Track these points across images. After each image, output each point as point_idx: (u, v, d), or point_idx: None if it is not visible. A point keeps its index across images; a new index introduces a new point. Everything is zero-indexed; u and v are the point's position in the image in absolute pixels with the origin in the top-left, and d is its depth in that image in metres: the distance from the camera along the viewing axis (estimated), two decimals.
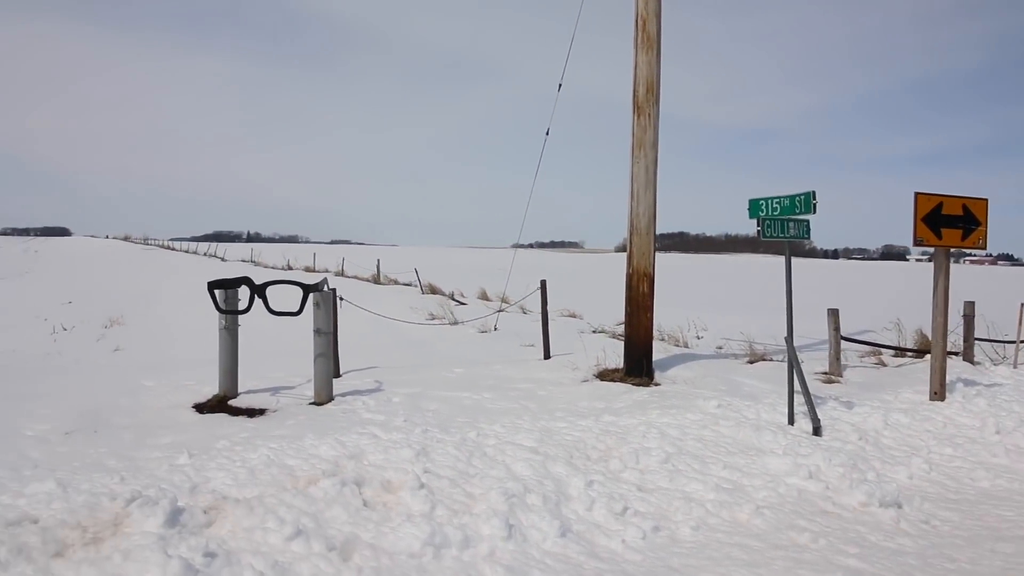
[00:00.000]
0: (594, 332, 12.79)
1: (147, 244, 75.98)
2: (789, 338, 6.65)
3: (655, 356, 8.66)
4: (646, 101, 8.37)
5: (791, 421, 6.43)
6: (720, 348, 10.93)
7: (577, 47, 10.08)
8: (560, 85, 10.61)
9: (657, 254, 8.61)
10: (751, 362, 9.42)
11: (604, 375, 8.50)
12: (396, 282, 25.01)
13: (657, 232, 8.60)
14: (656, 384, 8.09)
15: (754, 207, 6.92)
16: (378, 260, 28.34)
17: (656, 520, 4.40)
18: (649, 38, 8.36)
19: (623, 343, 8.85)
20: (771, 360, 9.50)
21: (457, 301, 18.51)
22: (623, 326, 9.16)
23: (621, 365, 8.62)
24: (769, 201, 6.84)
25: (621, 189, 8.64)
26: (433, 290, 21.10)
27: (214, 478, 4.68)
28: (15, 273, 31.17)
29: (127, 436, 5.94)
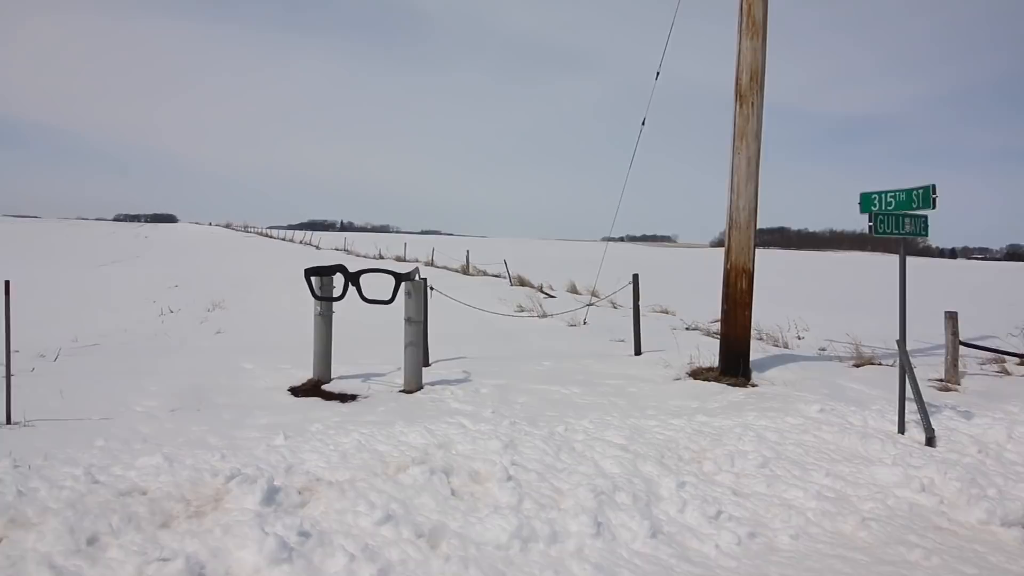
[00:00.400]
0: (687, 329, 12.54)
1: (247, 231, 79.75)
2: (901, 341, 6.31)
3: (752, 356, 8.40)
4: (749, 90, 8.11)
5: (901, 430, 6.10)
6: (823, 350, 10.50)
7: (676, 34, 9.87)
8: (658, 73, 10.42)
9: (756, 250, 8.34)
10: (857, 365, 9.00)
11: (697, 374, 8.32)
12: (485, 273, 25.26)
13: (757, 227, 8.34)
14: (753, 385, 7.86)
15: (866, 201, 6.59)
16: (467, 251, 28.70)
17: (752, 526, 4.27)
18: (754, 23, 8.08)
19: (718, 341, 8.64)
20: (880, 364, 9.05)
21: (546, 294, 18.52)
22: (719, 324, 8.93)
23: (716, 364, 8.42)
24: (883, 195, 6.50)
25: (718, 182, 8.42)
26: (522, 282, 21.19)
27: (308, 460, 4.86)
28: (129, 257, 33.34)
29: (227, 415, 6.25)
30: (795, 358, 9.28)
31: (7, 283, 5.95)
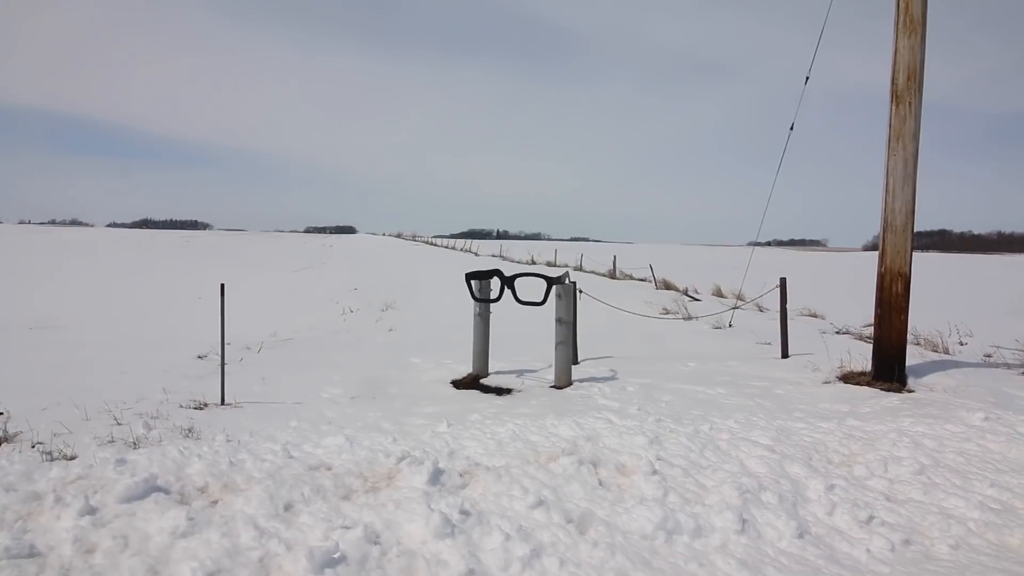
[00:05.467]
0: (837, 333, 11.74)
1: (415, 240, 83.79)
2: None
3: (909, 361, 7.72)
4: (907, 90, 7.48)
5: None
6: (988, 356, 9.46)
7: (827, 35, 9.29)
8: (807, 78, 9.85)
9: (913, 253, 7.67)
10: None
11: (848, 378, 7.77)
12: (631, 277, 24.97)
13: (914, 229, 7.67)
14: (909, 391, 7.23)
15: None
16: (614, 256, 28.46)
17: (907, 533, 3.94)
18: (912, 20, 7.45)
19: (870, 346, 8.02)
20: None
21: (691, 297, 18.01)
22: (871, 328, 8.29)
23: (868, 368, 7.82)
24: None
25: (870, 184, 7.83)
26: (667, 286, 20.75)
27: (468, 446, 5.03)
28: (316, 263, 36.00)
29: (398, 404, 6.60)
30: (956, 364, 8.43)
31: (222, 285, 6.63)
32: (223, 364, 6.53)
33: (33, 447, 4.80)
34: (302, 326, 12.13)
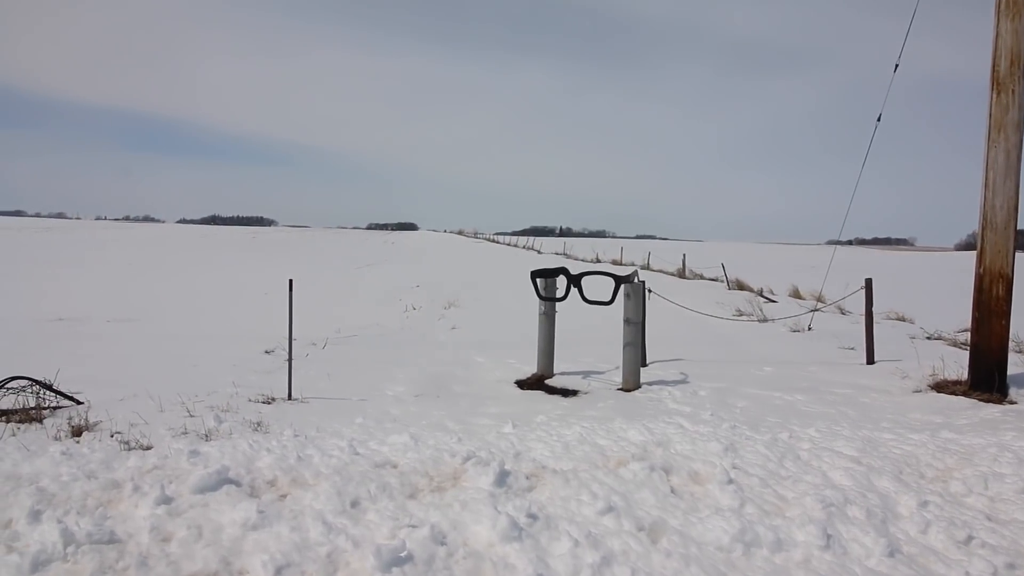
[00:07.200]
0: (928, 338, 11.22)
1: (476, 237, 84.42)
2: None
3: (1010, 370, 7.32)
4: (1009, 76, 7.08)
5: None
6: None
7: (917, 21, 8.88)
8: (896, 65, 9.45)
9: (1016, 253, 7.27)
10: None
11: (941, 387, 7.42)
12: (702, 277, 24.50)
13: (1017, 227, 7.26)
14: (1011, 402, 6.85)
15: None
16: (683, 255, 27.98)
17: (1011, 556, 3.72)
18: (1016, 1, 7.05)
19: (966, 353, 7.64)
20: None
21: (766, 298, 17.55)
22: (968, 333, 7.89)
23: (964, 377, 7.45)
24: None
25: (964, 179, 7.44)
26: (740, 286, 20.27)
27: (534, 448, 5.02)
28: (379, 260, 36.65)
29: (463, 403, 6.65)
30: None
31: (290, 281, 6.82)
32: (290, 359, 6.71)
33: (112, 436, 5.05)
34: (366, 322, 12.36)
